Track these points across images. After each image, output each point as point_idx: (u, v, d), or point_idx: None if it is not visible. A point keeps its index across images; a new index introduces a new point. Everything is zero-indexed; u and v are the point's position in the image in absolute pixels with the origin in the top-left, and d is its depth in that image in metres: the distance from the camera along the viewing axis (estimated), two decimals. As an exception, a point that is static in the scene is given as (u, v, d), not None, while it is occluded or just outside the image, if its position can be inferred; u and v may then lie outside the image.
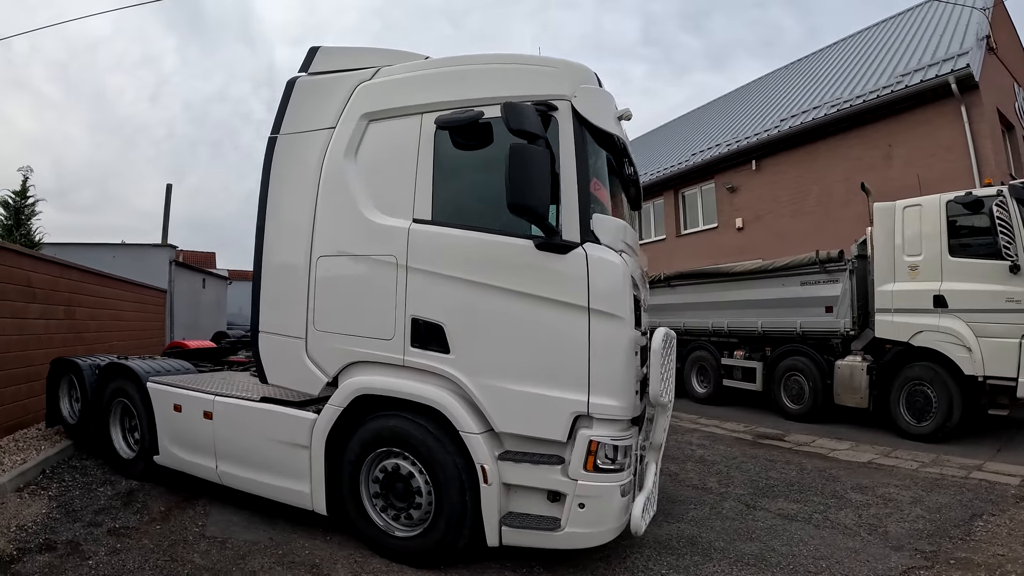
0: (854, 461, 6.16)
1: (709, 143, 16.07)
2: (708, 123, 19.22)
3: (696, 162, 15.30)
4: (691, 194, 16.31)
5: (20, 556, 3.51)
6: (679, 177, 16.07)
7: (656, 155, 19.83)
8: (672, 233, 16.60)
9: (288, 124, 4.34)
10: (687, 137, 18.95)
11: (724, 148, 14.57)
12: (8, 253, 6.27)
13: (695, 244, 15.38)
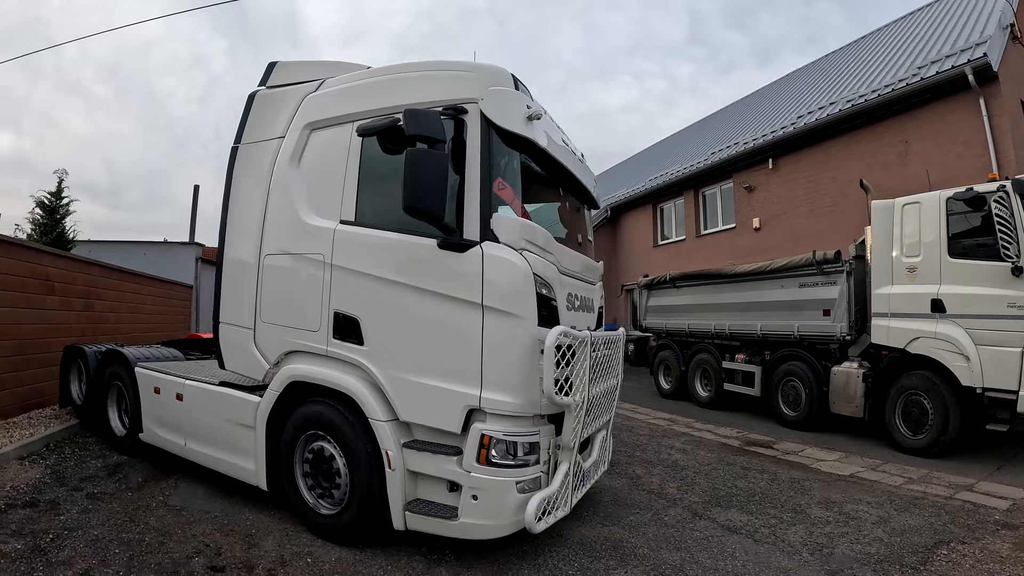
0: (835, 474, 6.15)
1: (728, 142, 16.07)
2: (729, 122, 19.20)
3: (714, 161, 15.31)
4: (711, 194, 16.32)
5: (6, 509, 4.30)
6: (698, 176, 16.11)
7: (679, 154, 19.89)
8: (692, 233, 16.63)
9: (248, 135, 4.94)
10: (709, 136, 18.97)
11: (741, 147, 14.56)
12: (27, 250, 7.34)
13: (714, 244, 15.39)
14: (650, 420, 9.38)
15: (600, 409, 4.54)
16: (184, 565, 3.59)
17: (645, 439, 7.88)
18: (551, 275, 3.99)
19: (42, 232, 12.76)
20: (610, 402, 4.84)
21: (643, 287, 12.83)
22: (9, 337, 6.67)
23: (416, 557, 3.84)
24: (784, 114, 14.75)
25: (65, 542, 3.81)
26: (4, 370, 6.58)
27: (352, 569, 3.63)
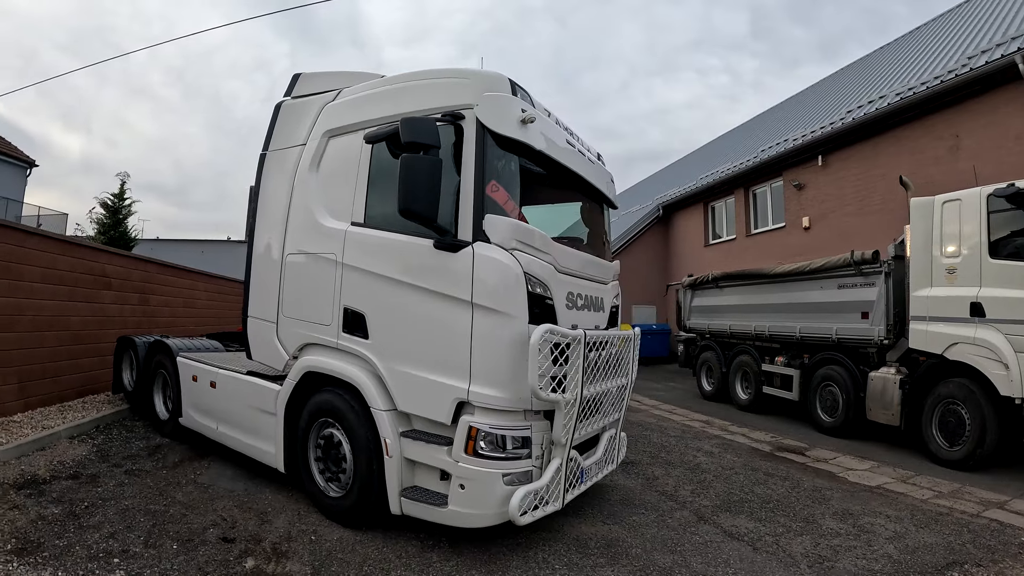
0: (861, 484, 6.04)
1: (778, 138, 15.76)
2: (782, 118, 18.79)
3: (763, 158, 15.03)
4: (761, 192, 16.03)
5: (50, 480, 4.93)
6: (748, 174, 15.85)
7: (731, 152, 19.57)
8: (742, 232, 16.37)
9: (274, 142, 5.42)
10: (761, 133, 18.60)
11: (790, 143, 14.24)
12: (84, 248, 8.18)
13: (764, 244, 15.12)
14: (685, 422, 9.43)
15: (605, 408, 4.67)
16: (199, 535, 4.04)
17: (674, 440, 7.97)
18: (546, 274, 4.14)
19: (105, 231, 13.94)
20: (619, 401, 4.94)
21: (687, 287, 12.85)
22: (67, 328, 7.47)
23: (413, 541, 4.11)
24: (834, 109, 14.38)
25: (98, 510, 4.36)
26: (61, 358, 7.37)
27: (351, 548, 3.97)
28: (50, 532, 3.92)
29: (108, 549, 3.74)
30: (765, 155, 15.14)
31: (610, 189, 5.71)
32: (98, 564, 3.53)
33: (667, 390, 13.11)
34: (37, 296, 6.88)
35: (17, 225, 7.05)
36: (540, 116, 4.34)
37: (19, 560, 3.48)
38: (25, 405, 6.64)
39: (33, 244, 6.87)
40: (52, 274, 7.14)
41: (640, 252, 20.43)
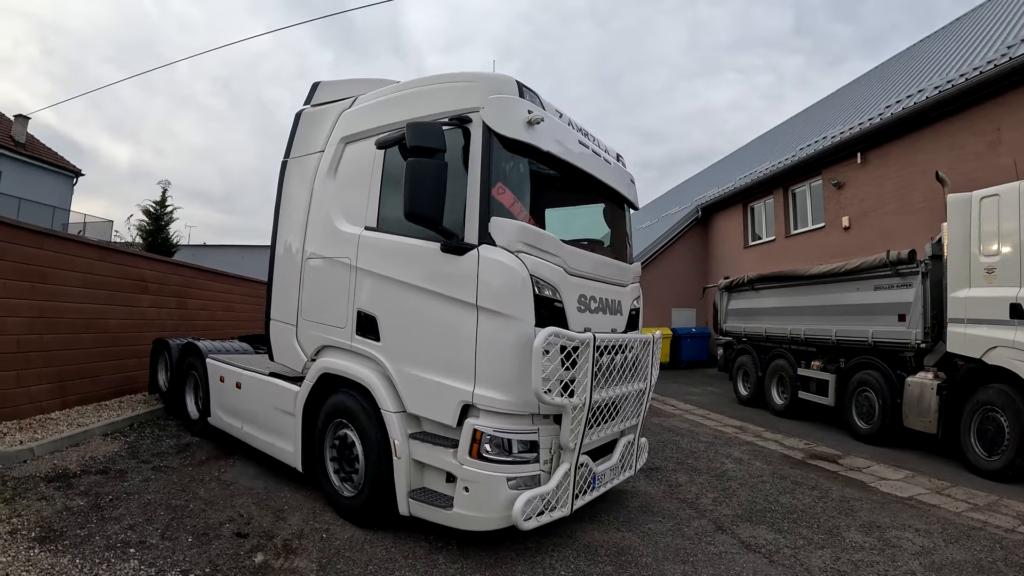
0: (892, 495, 5.82)
1: (817, 136, 15.32)
2: (821, 115, 18.24)
3: (802, 157, 14.63)
4: (800, 191, 15.61)
5: (80, 474, 5.21)
6: (787, 173, 15.45)
7: (770, 151, 19.14)
8: (781, 233, 15.97)
9: (295, 149, 5.59)
10: (800, 132, 18.11)
11: (828, 141, 13.82)
12: (122, 254, 8.61)
13: (803, 245, 14.70)
14: (718, 427, 9.29)
15: (622, 413, 4.65)
16: (215, 529, 4.21)
17: (704, 446, 7.86)
18: (555, 277, 4.12)
19: (148, 237, 14.59)
20: (637, 407, 4.89)
21: (722, 289, 12.66)
22: (105, 330, 7.87)
23: (422, 543, 4.17)
24: (873, 105, 13.92)
25: (121, 503, 4.59)
26: (99, 359, 7.76)
27: (359, 547, 4.06)
28: (73, 522, 4.15)
29: (126, 540, 3.94)
30: (803, 153, 14.77)
31: (630, 190, 5.62)
32: (114, 553, 3.72)
33: (704, 394, 12.94)
34: (77, 300, 7.27)
35: (57, 232, 7.50)
36: (549, 117, 4.32)
37: (40, 547, 3.71)
38: (63, 404, 7.02)
39: (73, 251, 7.27)
40: (91, 279, 7.54)
41: (679, 255, 20.22)
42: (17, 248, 6.27)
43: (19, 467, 5.20)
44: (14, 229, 6.27)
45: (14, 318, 6.20)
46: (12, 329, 6.19)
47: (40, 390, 6.62)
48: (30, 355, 6.45)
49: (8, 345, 6.14)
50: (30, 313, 6.45)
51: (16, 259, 6.25)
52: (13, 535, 3.85)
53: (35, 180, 25.48)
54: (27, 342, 6.42)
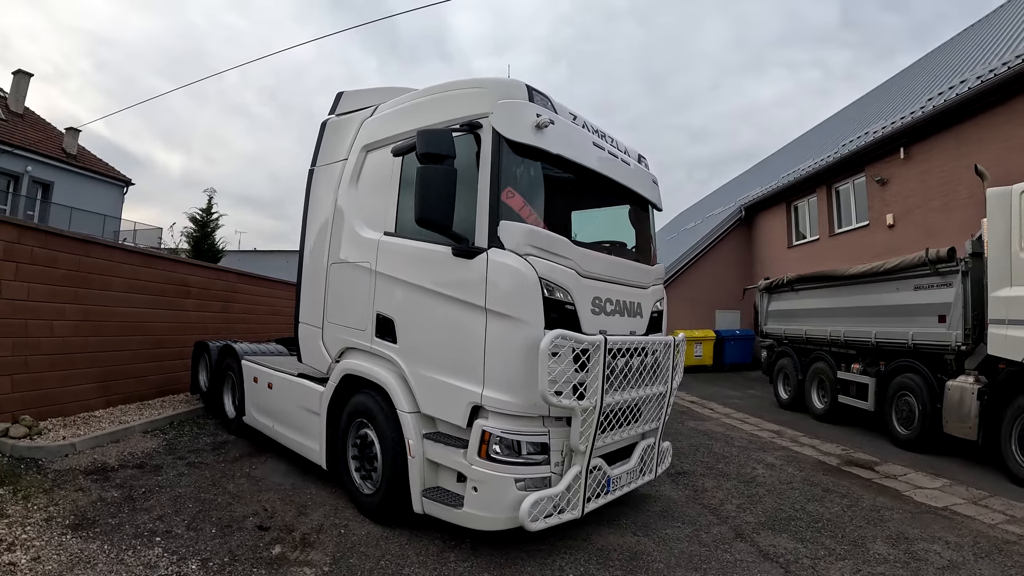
0: (926, 504, 5.61)
1: (859, 131, 14.83)
2: (864, 111, 17.63)
3: (844, 153, 14.19)
4: (844, 189, 15.13)
5: (117, 468, 5.53)
6: (830, 170, 15.01)
7: (815, 148, 18.60)
8: (825, 232, 15.51)
9: (321, 158, 5.82)
10: (843, 127, 17.52)
11: (871, 136, 13.35)
12: (165, 261, 9.08)
13: (847, 244, 14.25)
14: (755, 431, 9.13)
15: (644, 416, 4.66)
16: (239, 522, 4.43)
17: (737, 451, 7.75)
18: (566, 279, 4.14)
19: (195, 244, 15.25)
20: (657, 410, 4.87)
21: (762, 290, 12.45)
22: (149, 333, 8.28)
23: (436, 540, 4.27)
24: (916, 98, 13.42)
25: (153, 495, 4.87)
26: (143, 360, 8.18)
27: (374, 543, 4.20)
28: (106, 512, 4.44)
29: (153, 529, 4.19)
30: (846, 149, 14.35)
31: (651, 191, 5.59)
32: (141, 541, 3.97)
33: (744, 398, 12.75)
34: (121, 304, 7.69)
35: (102, 240, 7.93)
36: (560, 120, 4.34)
37: (73, 534, 3.99)
38: (107, 402, 7.43)
39: (117, 257, 7.70)
40: (135, 284, 7.96)
41: (722, 255, 19.91)
42: (65, 256, 6.69)
43: (60, 461, 5.56)
44: (62, 238, 6.71)
45: (60, 321, 6.62)
46: (59, 332, 6.61)
47: (85, 389, 7.04)
48: (76, 356, 6.86)
49: (55, 347, 6.56)
50: (76, 316, 6.86)
51: (64, 266, 6.68)
52: (48, 522, 4.15)
53: (87, 190, 26.72)
54: (73, 344, 6.83)
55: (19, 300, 6.07)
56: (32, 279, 6.24)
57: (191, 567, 3.66)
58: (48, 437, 5.91)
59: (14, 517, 4.15)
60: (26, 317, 6.15)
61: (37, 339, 6.30)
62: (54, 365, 6.50)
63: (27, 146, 24.19)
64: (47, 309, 6.42)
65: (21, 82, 26.63)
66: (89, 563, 3.59)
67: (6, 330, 5.92)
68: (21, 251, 6.08)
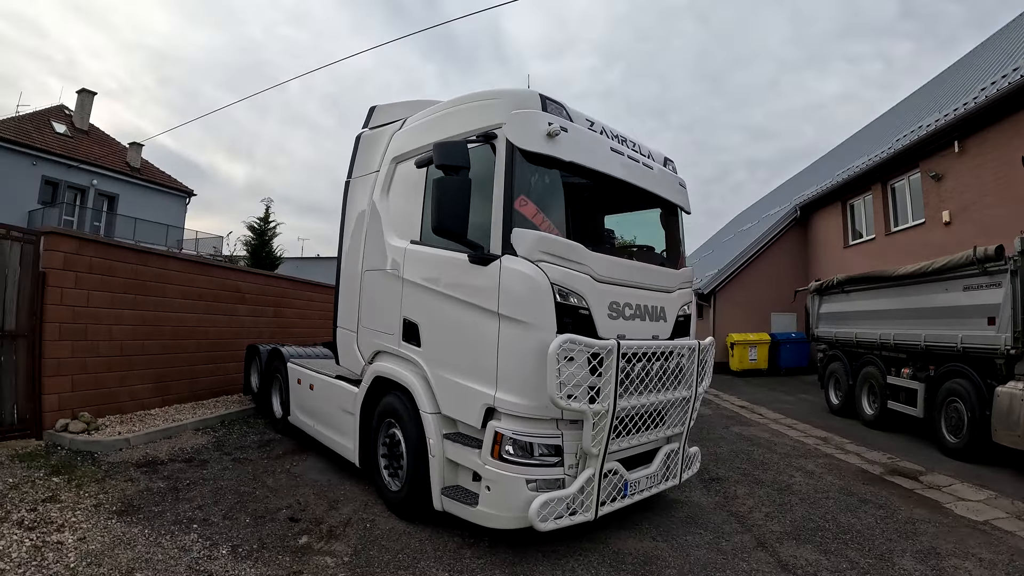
0: (966, 518, 5.33)
1: (913, 125, 14.13)
2: (920, 103, 16.74)
3: (898, 148, 13.55)
4: (899, 185, 14.46)
5: (167, 462, 5.95)
6: (884, 167, 14.37)
7: (871, 144, 17.85)
8: (881, 231, 14.85)
9: (356, 170, 6.10)
10: (899, 121, 16.71)
11: (924, 130, 12.70)
12: (219, 268, 9.67)
13: (904, 243, 13.58)
14: (801, 438, 8.90)
15: (665, 421, 4.68)
16: (272, 514, 4.71)
17: (778, 458, 7.57)
18: (580, 284, 4.18)
19: (253, 252, 16.00)
20: (680, 415, 4.85)
21: (813, 292, 12.09)
22: (204, 337, 8.82)
23: (456, 538, 4.41)
24: (970, 88, 12.74)
25: (196, 487, 5.22)
26: (198, 363, 8.71)
27: (396, 537, 4.38)
28: (150, 500, 4.82)
29: (192, 517, 4.53)
30: (899, 145, 13.74)
31: (677, 194, 5.54)
32: (179, 527, 4.31)
33: (796, 403, 12.43)
34: (176, 310, 8.22)
35: (158, 250, 8.46)
36: (575, 128, 4.40)
37: (118, 519, 4.39)
38: (163, 401, 7.95)
39: (172, 266, 8.26)
40: (190, 291, 8.50)
41: (777, 257, 19.41)
42: (122, 265, 7.24)
43: (115, 454, 6.03)
44: (119, 249, 7.29)
45: (119, 326, 7.16)
46: (117, 336, 7.15)
47: (142, 389, 7.57)
48: (133, 358, 7.39)
49: (113, 349, 7.09)
50: (133, 321, 7.39)
51: (122, 275, 7.22)
52: (97, 508, 4.56)
53: (150, 201, 28.38)
54: (130, 347, 7.37)
55: (79, 307, 6.60)
56: (91, 287, 6.78)
57: (221, 552, 3.96)
58: (104, 433, 6.41)
59: (66, 503, 4.58)
60: (86, 322, 6.68)
61: (96, 342, 6.84)
62: (112, 367, 7.03)
63: (92, 161, 25.94)
64: (106, 315, 6.96)
65: (85, 100, 28.40)
66: (129, 544, 3.95)
67: (66, 334, 6.45)
68: (80, 261, 6.62)
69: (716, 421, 10.20)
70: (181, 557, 3.83)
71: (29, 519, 4.17)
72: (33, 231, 6.32)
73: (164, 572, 3.63)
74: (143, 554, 3.82)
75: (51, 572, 3.49)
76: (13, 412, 5.96)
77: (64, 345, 6.40)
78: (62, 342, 6.37)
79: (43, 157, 23.83)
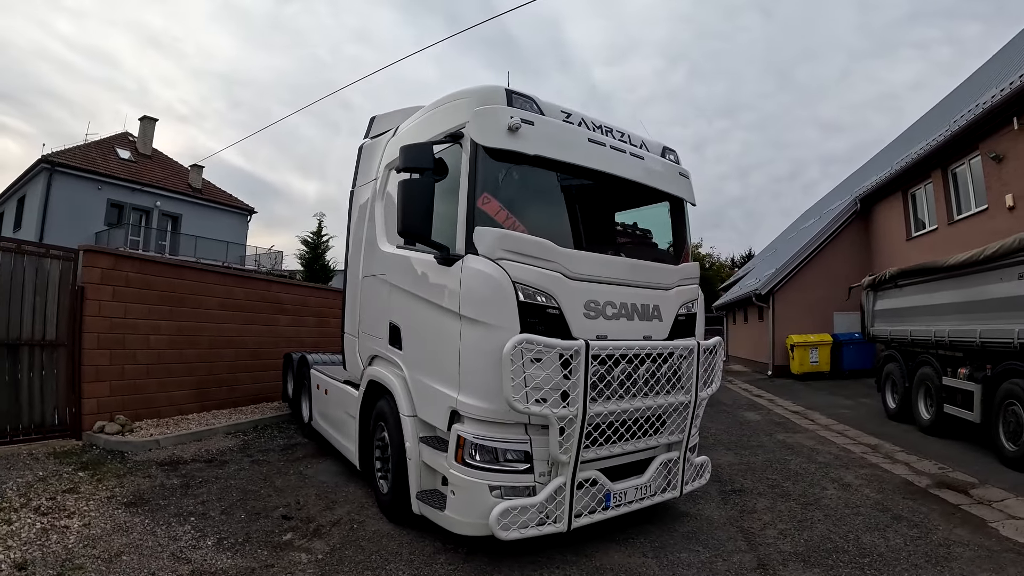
0: (1012, 540, 4.62)
1: (970, 103, 12.84)
2: (982, 81, 15.14)
3: (954, 130, 12.38)
4: (960, 170, 13.22)
5: (189, 461, 6.27)
6: (942, 151, 13.18)
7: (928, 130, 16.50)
8: (943, 221, 13.63)
9: (359, 179, 6.26)
10: (959, 103, 15.25)
11: (980, 108, 11.53)
12: (258, 280, 10.16)
13: (967, 232, 12.33)
14: (848, 446, 8.20)
15: (661, 427, 4.43)
16: (269, 511, 4.87)
17: (815, 468, 6.93)
18: (547, 282, 3.99)
19: (306, 264, 16.72)
20: (678, 422, 4.55)
21: (867, 288, 11.29)
22: (243, 346, 9.27)
23: (435, 542, 4.31)
24: None
25: (206, 485, 5.49)
26: (238, 371, 9.16)
27: (377, 539, 4.37)
28: (159, 495, 5.13)
29: (192, 511, 4.77)
30: (956, 126, 12.59)
31: (675, 185, 5.21)
32: (177, 520, 4.57)
33: (855, 408, 11.62)
34: (215, 320, 8.68)
35: (195, 264, 8.97)
36: (545, 120, 4.26)
37: (125, 509, 4.72)
38: (201, 407, 8.38)
39: (210, 279, 8.77)
40: (229, 302, 8.97)
41: (838, 253, 18.27)
42: (158, 279, 7.74)
43: (143, 454, 6.41)
44: (156, 264, 7.86)
45: (156, 336, 7.64)
46: (154, 345, 7.63)
47: (180, 395, 8.02)
48: (171, 366, 7.85)
49: (150, 357, 7.56)
50: (170, 331, 7.87)
51: (159, 288, 7.71)
52: (110, 499, 4.92)
53: (212, 220, 29.94)
54: (168, 355, 7.83)
55: (116, 318, 7.09)
56: (128, 299, 7.27)
57: (207, 543, 4.16)
58: (138, 434, 6.84)
59: (83, 494, 4.96)
60: (123, 332, 7.17)
61: (134, 351, 7.32)
62: (150, 373, 7.51)
63: (155, 183, 27.72)
64: (143, 325, 7.44)
65: (147, 127, 30.51)
66: (126, 532, 4.25)
67: (105, 343, 6.95)
68: (117, 276, 7.13)
69: (761, 428, 9.66)
70: (168, 545, 4.06)
71: (46, 506, 4.56)
72: (71, 249, 6.84)
73: (149, 557, 3.86)
74: (135, 540, 4.09)
75: (50, 551, 3.84)
76: (54, 414, 6.48)
77: (102, 354, 6.88)
78: (100, 351, 6.86)
79: (107, 182, 25.69)
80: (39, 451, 6.07)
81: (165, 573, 3.67)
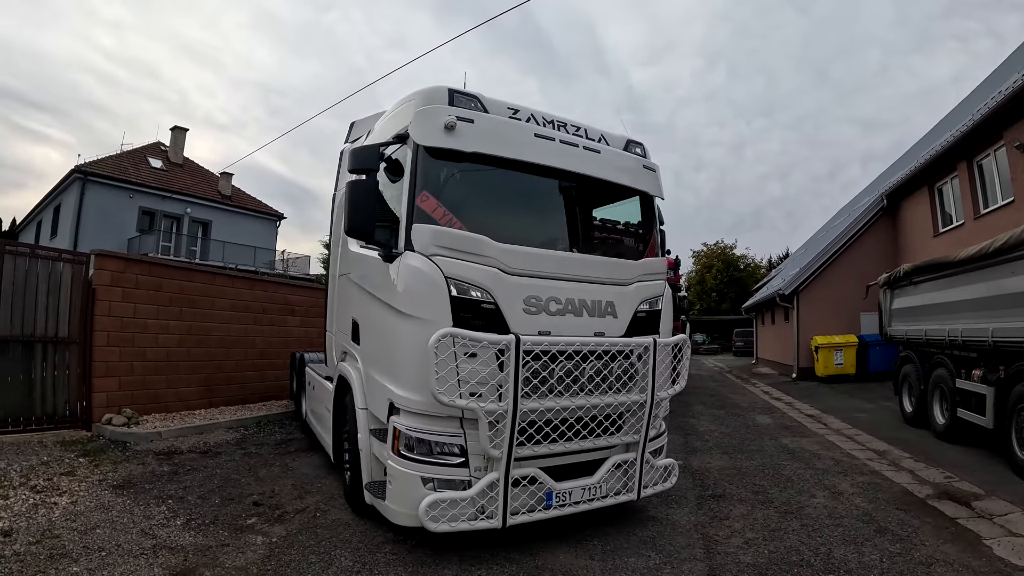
0: (1005, 560, 4.18)
1: (995, 92, 12.13)
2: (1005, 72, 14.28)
3: (977, 119, 11.75)
4: (986, 162, 12.52)
5: (185, 452, 6.64)
6: (967, 141, 12.54)
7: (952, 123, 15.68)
8: (970, 215, 12.95)
9: (340, 184, 6.48)
10: (985, 92, 14.44)
11: (1002, 94, 10.88)
12: (267, 283, 10.55)
13: (994, 226, 11.55)
14: (854, 451, 7.80)
15: (619, 427, 4.40)
16: (243, 498, 5.15)
17: (811, 474, 6.60)
18: (483, 278, 4.01)
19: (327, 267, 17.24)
20: (635, 422, 4.47)
21: (882, 286, 10.83)
22: (252, 346, 9.69)
23: (388, 533, 4.35)
24: None
25: (191, 473, 5.83)
26: (246, 369, 9.57)
27: (334, 527, 4.53)
28: (146, 480, 5.53)
29: (171, 495, 5.12)
30: (979, 115, 11.99)
31: (637, 178, 5.10)
32: (156, 501, 4.93)
33: (875, 412, 11.19)
34: (224, 321, 9.12)
35: (204, 267, 9.40)
36: (486, 117, 4.29)
37: (112, 491, 5.12)
38: (209, 403, 8.81)
39: (219, 282, 9.24)
40: (239, 304, 9.41)
41: (864, 251, 17.64)
42: (168, 281, 8.21)
43: (144, 444, 6.83)
44: (165, 267, 8.34)
45: (165, 335, 8.10)
46: (163, 343, 8.08)
47: (188, 391, 8.46)
48: (179, 363, 8.30)
49: (159, 355, 8.03)
50: (179, 331, 8.32)
51: (168, 290, 8.19)
52: (100, 482, 5.35)
53: (242, 226, 30.79)
54: (176, 353, 8.28)
55: (126, 318, 7.56)
56: (138, 300, 7.74)
57: (176, 523, 4.48)
58: (143, 426, 7.27)
59: (78, 477, 5.43)
60: (133, 331, 7.64)
61: (143, 349, 7.78)
62: (158, 370, 7.96)
63: (186, 191, 28.67)
64: (152, 324, 7.91)
65: (178, 137, 31.67)
66: (107, 509, 4.65)
67: (114, 341, 7.42)
68: (127, 278, 7.61)
69: (768, 431, 9.38)
70: (140, 523, 4.40)
71: (42, 486, 5.03)
72: (82, 253, 7.37)
73: (120, 532, 4.22)
74: (112, 517, 4.47)
75: (35, 522, 4.24)
76: (66, 407, 6.98)
77: (112, 351, 7.35)
78: (110, 348, 7.33)
79: (139, 190, 26.77)
80: (49, 440, 6.57)
81: (130, 546, 3.96)
